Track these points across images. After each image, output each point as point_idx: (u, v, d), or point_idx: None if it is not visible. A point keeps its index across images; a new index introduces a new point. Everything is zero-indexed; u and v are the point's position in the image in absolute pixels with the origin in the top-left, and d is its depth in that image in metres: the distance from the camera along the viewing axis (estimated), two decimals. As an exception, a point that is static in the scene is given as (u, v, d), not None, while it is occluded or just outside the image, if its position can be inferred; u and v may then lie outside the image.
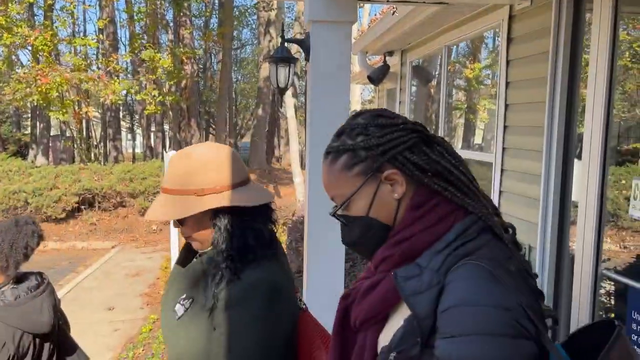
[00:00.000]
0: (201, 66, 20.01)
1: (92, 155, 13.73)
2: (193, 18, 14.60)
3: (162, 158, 13.73)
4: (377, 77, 5.99)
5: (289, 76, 3.82)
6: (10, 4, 10.49)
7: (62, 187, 10.34)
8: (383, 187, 1.01)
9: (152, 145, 17.54)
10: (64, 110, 10.81)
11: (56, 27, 11.92)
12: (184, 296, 1.39)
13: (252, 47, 29.25)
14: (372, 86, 7.52)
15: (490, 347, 0.81)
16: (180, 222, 1.37)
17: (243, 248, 1.33)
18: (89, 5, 13.45)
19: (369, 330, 1.00)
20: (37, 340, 1.98)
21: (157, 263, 8.36)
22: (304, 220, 6.20)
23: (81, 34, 14.47)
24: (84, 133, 14.92)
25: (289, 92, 8.86)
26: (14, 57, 12.53)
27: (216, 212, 1.33)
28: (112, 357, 4.90)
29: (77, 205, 10.44)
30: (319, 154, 1.16)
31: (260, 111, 15.59)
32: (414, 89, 6.15)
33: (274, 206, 1.45)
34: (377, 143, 0.99)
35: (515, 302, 0.84)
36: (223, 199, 1.32)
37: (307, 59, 3.07)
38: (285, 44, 3.99)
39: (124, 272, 8.02)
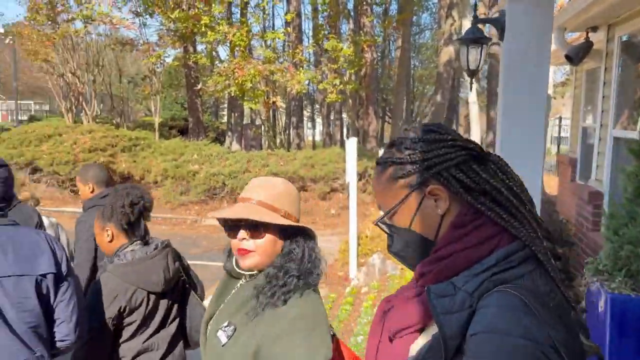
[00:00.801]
0: (379, 53, 20.28)
1: (278, 142, 14.93)
2: (374, 6, 14.87)
3: (341, 145, 14.35)
4: (576, 55, 5.43)
5: (480, 58, 3.68)
6: (213, 5, 11.88)
7: (253, 170, 11.44)
8: (427, 201, 1.03)
9: (331, 132, 18.42)
10: (256, 100, 11.95)
11: (250, 23, 13.19)
12: (226, 323, 1.50)
13: (431, 31, 28.75)
14: (566, 67, 6.85)
15: None
16: (255, 234, 1.48)
17: (308, 272, 1.47)
18: (278, 1, 14.47)
19: (403, 338, 1.01)
20: (152, 297, 2.20)
21: (336, 245, 8.77)
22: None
23: (270, 29, 15.70)
24: (271, 121, 16.26)
25: (471, 77, 8.52)
26: (214, 52, 14.17)
27: (293, 236, 1.49)
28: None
29: (265, 188, 11.47)
30: (512, 140, 1.13)
31: (438, 97, 15.29)
32: (620, 69, 5.45)
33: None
34: (423, 158, 1.02)
35: (545, 335, 0.83)
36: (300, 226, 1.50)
37: (500, 38, 2.92)
38: (476, 24, 3.84)
39: (305, 252, 8.59)
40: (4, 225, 1.92)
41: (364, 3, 12.57)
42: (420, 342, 0.98)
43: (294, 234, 1.50)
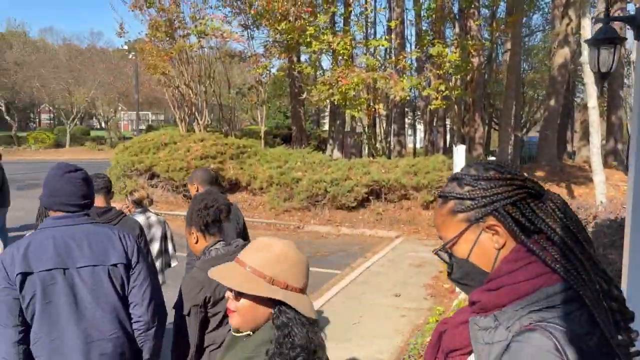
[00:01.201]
0: (485, 58, 19.59)
1: (379, 149, 14.92)
2: (481, 8, 14.42)
3: (444, 152, 14.02)
4: None
5: (613, 59, 3.40)
6: (319, 15, 12.19)
7: (354, 178, 11.51)
8: (484, 235, 1.11)
9: (434, 140, 18.05)
10: (359, 108, 12.05)
11: (354, 31, 13.36)
12: None
13: (543, 33, 27.25)
14: None
15: None
16: (237, 296, 1.46)
17: (292, 351, 1.38)
18: (382, 8, 14.51)
19: (455, 358, 1.11)
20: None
21: (440, 257, 8.58)
22: (612, 224, 5.49)
23: (371, 36, 15.77)
24: (372, 129, 16.28)
25: (590, 79, 7.95)
26: (318, 62, 14.51)
27: (280, 307, 1.42)
28: (402, 340, 5.23)
29: (366, 195, 11.49)
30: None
31: (551, 102, 14.42)
32: None
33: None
34: (482, 195, 1.10)
35: None
36: (287, 296, 1.41)
37: (637, 37, 2.70)
38: (607, 23, 3.57)
39: (407, 262, 8.49)
40: (83, 223, 2.28)
41: (472, 6, 12.22)
42: None
43: (281, 302, 1.42)
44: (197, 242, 2.54)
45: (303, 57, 16.87)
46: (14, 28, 51.77)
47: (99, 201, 3.31)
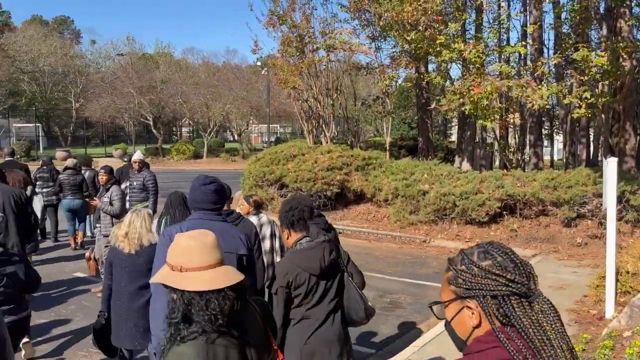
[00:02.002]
0: (638, 61, 17.75)
1: (513, 161, 14.15)
2: (633, 8, 13.12)
3: (586, 165, 12.89)
4: None
5: None
6: (450, 23, 11.95)
7: (485, 192, 11.03)
8: (465, 311, 1.33)
9: (575, 151, 16.70)
10: (492, 118, 11.55)
11: (486, 38, 12.88)
12: None
13: None
14: None
15: None
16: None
17: (183, 320, 1.68)
18: (520, 12, 13.82)
19: None
20: (312, 278, 3.04)
21: (584, 279, 7.89)
22: None
23: (504, 42, 15.07)
24: (505, 140, 15.51)
25: None
26: (447, 71, 14.20)
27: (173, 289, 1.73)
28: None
29: (499, 210, 10.94)
30: None
31: None
32: None
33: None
34: (470, 280, 1.31)
35: None
36: (182, 279, 1.70)
37: None
38: None
39: (546, 283, 7.91)
40: (217, 221, 3.10)
41: (623, 5, 11.16)
42: None
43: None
44: (287, 238, 3.20)
45: (430, 67, 16.63)
46: (161, 49, 57.61)
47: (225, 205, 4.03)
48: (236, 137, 46.41)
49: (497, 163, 18.94)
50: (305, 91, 16.03)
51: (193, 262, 1.72)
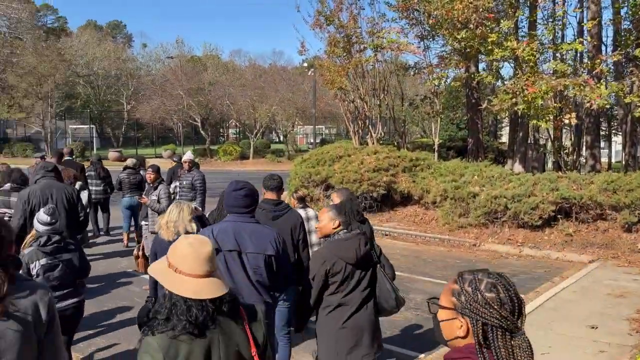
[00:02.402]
0: None
1: (568, 163, 13.66)
2: None
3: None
4: None
5: None
6: (502, 21, 11.65)
7: (539, 194, 10.69)
8: (457, 321, 1.60)
9: (635, 153, 15.96)
10: (547, 118, 11.19)
11: (541, 35, 12.50)
12: None
13: None
14: None
15: None
16: None
17: (153, 317, 1.93)
18: (577, 8, 13.34)
19: None
20: (348, 267, 3.39)
21: (646, 288, 7.53)
22: None
23: (559, 40, 14.59)
24: (560, 141, 15.00)
25: None
26: (499, 70, 13.87)
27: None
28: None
29: (553, 214, 10.58)
30: None
31: None
32: None
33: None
34: (470, 303, 1.56)
35: None
36: (173, 282, 1.95)
37: None
38: None
39: (605, 290, 7.60)
40: (250, 222, 3.43)
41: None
42: None
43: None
44: (329, 222, 3.55)
45: (481, 66, 16.28)
46: (209, 52, 58.85)
47: (273, 195, 4.54)
48: (282, 138, 46.87)
49: (549, 165, 18.34)
50: (351, 92, 16.01)
51: (186, 268, 1.94)
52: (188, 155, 9.65)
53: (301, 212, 5.23)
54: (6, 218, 6.55)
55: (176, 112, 39.02)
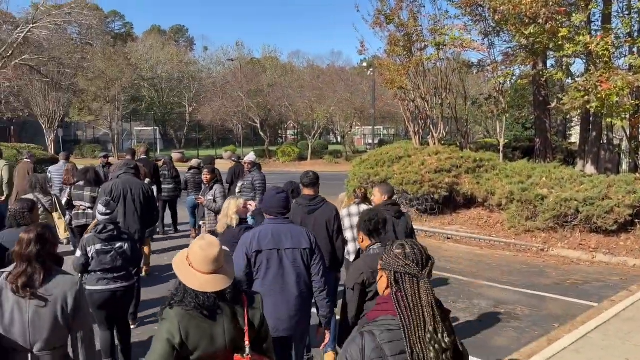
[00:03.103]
0: None
1: (647, 164, 12.87)
2: None
3: None
4: None
5: None
6: (574, 14, 11.14)
7: (614, 197, 10.15)
8: (384, 277, 2.24)
9: None
10: (622, 116, 10.60)
11: (616, 29, 11.86)
12: None
13: None
14: None
15: None
16: None
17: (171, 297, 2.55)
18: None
19: None
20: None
21: None
22: None
23: (635, 33, 13.79)
24: (637, 141, 14.18)
25: None
26: (569, 67, 13.27)
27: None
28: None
29: (630, 218, 10.02)
30: None
31: None
32: None
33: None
34: (385, 259, 2.21)
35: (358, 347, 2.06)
36: (186, 275, 2.54)
37: None
38: None
39: (689, 301, 7.11)
40: (285, 224, 4.00)
41: None
42: None
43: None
44: (362, 242, 3.91)
45: (549, 63, 15.65)
46: (268, 54, 59.86)
47: (309, 191, 5.18)
48: (339, 139, 46.92)
49: (624, 166, 17.37)
50: (412, 91, 15.79)
51: (196, 265, 2.53)
52: (248, 156, 9.89)
53: (353, 207, 5.99)
54: (81, 210, 7.27)
55: (236, 114, 39.89)
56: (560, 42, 11.16)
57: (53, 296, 2.84)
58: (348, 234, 5.66)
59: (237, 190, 9.21)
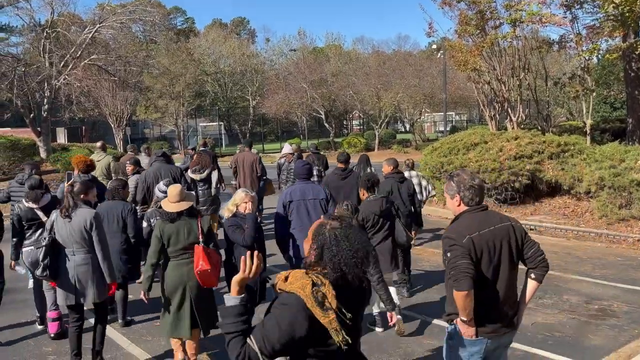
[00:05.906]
0: None
1: None
2: None
3: None
4: None
5: None
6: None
7: None
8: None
9: None
10: None
11: None
12: None
13: None
14: None
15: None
16: None
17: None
18: None
19: None
20: (375, 216, 6.00)
21: None
22: None
23: None
24: None
25: None
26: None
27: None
28: None
29: None
30: None
31: None
32: None
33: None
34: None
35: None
36: (165, 204, 5.01)
37: None
38: None
39: None
40: (309, 183, 6.06)
41: None
42: None
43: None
44: (363, 195, 6.14)
45: (642, 34, 14.64)
46: (331, 41, 59.84)
47: (342, 165, 8.02)
48: (408, 127, 46.26)
49: None
50: (487, 72, 15.27)
51: (169, 198, 4.92)
52: (286, 148, 11.78)
53: (406, 174, 8.99)
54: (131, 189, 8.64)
55: (300, 106, 40.23)
56: (656, 9, 10.41)
57: (77, 218, 4.95)
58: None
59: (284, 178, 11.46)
